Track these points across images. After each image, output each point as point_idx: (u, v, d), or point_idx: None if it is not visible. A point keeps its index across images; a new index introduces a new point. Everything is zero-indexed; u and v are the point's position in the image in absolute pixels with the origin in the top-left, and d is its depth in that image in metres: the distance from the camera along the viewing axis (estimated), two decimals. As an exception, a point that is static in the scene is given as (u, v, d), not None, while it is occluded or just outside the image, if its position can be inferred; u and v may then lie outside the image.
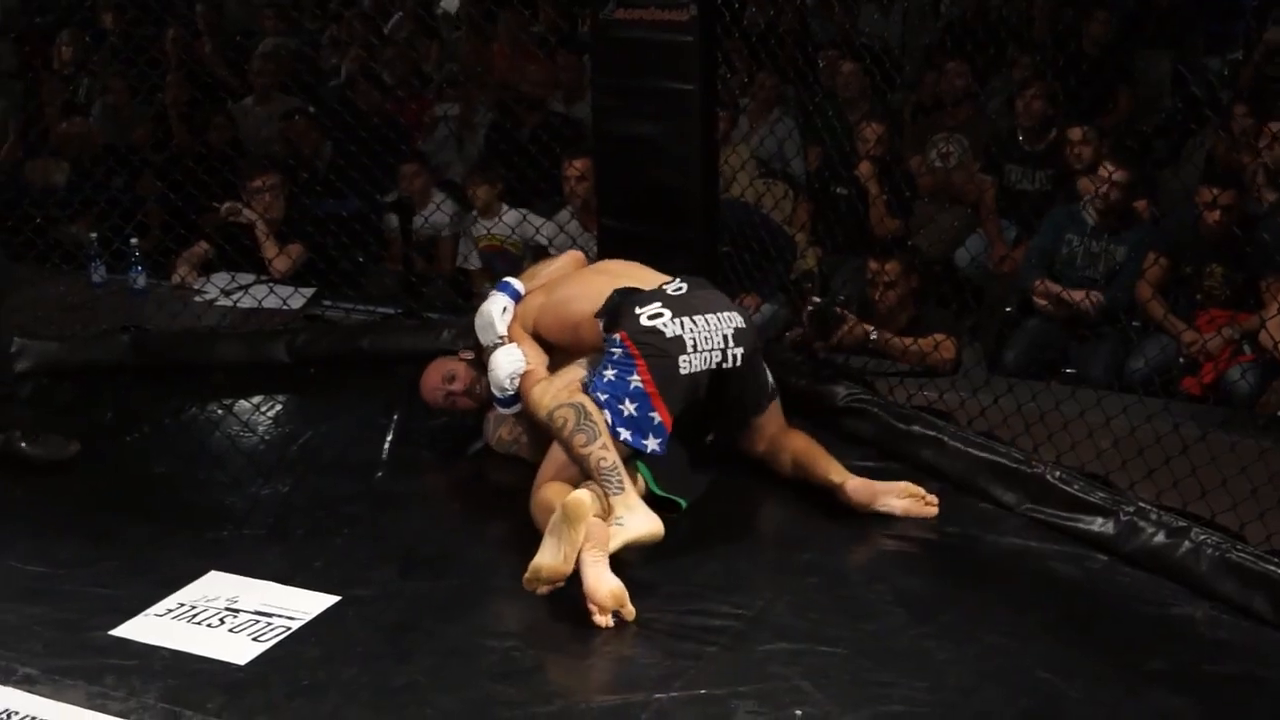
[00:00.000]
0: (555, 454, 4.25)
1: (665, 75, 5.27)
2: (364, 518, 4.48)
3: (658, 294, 4.36)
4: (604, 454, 4.05)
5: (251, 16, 10.37)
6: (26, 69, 9.44)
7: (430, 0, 10.23)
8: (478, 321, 4.69)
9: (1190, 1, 8.93)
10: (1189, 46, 8.63)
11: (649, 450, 4.19)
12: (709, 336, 4.27)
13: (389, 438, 5.07)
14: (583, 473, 4.11)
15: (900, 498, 4.42)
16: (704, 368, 4.28)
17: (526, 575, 3.82)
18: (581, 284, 4.64)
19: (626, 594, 3.73)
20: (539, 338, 4.62)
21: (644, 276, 4.54)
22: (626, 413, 4.17)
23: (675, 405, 4.24)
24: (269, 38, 9.60)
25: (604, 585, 3.73)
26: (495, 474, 4.83)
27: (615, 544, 3.85)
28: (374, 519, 4.48)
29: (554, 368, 4.56)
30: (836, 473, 4.46)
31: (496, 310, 4.64)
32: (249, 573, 4.06)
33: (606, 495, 3.96)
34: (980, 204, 7.19)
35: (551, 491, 4.11)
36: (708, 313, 4.32)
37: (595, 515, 3.85)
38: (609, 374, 4.22)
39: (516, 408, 4.61)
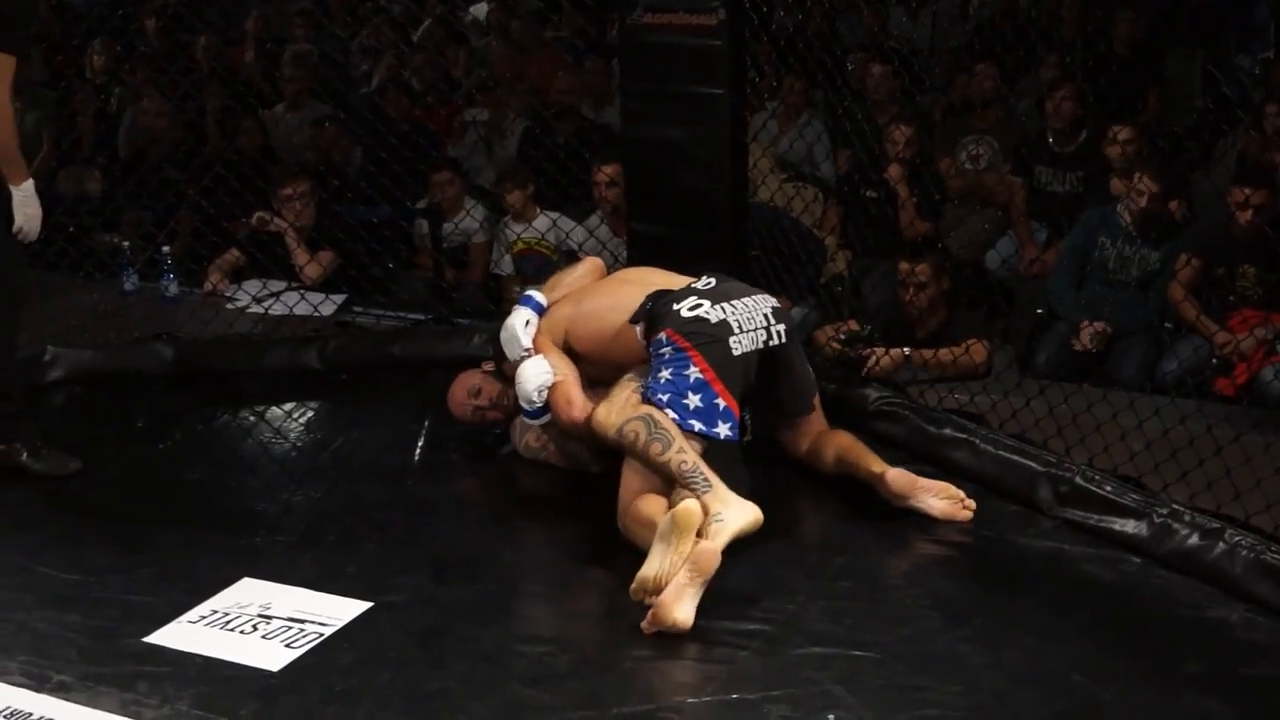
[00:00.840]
0: (632, 469, 4.22)
1: (694, 79, 5.28)
2: (396, 523, 4.49)
3: (690, 290, 4.40)
4: (683, 457, 4.05)
5: (284, 24, 10.41)
6: (59, 78, 9.48)
7: (458, 6, 10.25)
8: (502, 336, 4.70)
9: (1221, 0, 8.90)
10: (1220, 46, 8.59)
11: (722, 437, 4.20)
12: (751, 316, 4.33)
13: (420, 443, 5.08)
14: (666, 481, 4.11)
15: (939, 498, 4.40)
16: (753, 347, 4.31)
17: (633, 586, 3.80)
18: (609, 294, 4.65)
19: (688, 628, 3.70)
20: (569, 349, 4.63)
21: (669, 280, 4.57)
22: (692, 406, 4.18)
23: (735, 389, 4.25)
24: (298, 43, 9.62)
25: (677, 611, 3.68)
26: (526, 479, 4.83)
27: (722, 540, 3.82)
28: (406, 524, 4.49)
29: (584, 380, 4.57)
30: (877, 464, 4.48)
31: (519, 324, 4.65)
32: (281, 579, 4.07)
33: (697, 495, 3.95)
34: (1011, 206, 7.16)
35: (648, 505, 4.09)
36: (742, 297, 4.39)
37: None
38: (665, 374, 4.23)
39: (545, 418, 4.61)
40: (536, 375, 4.54)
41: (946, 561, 4.22)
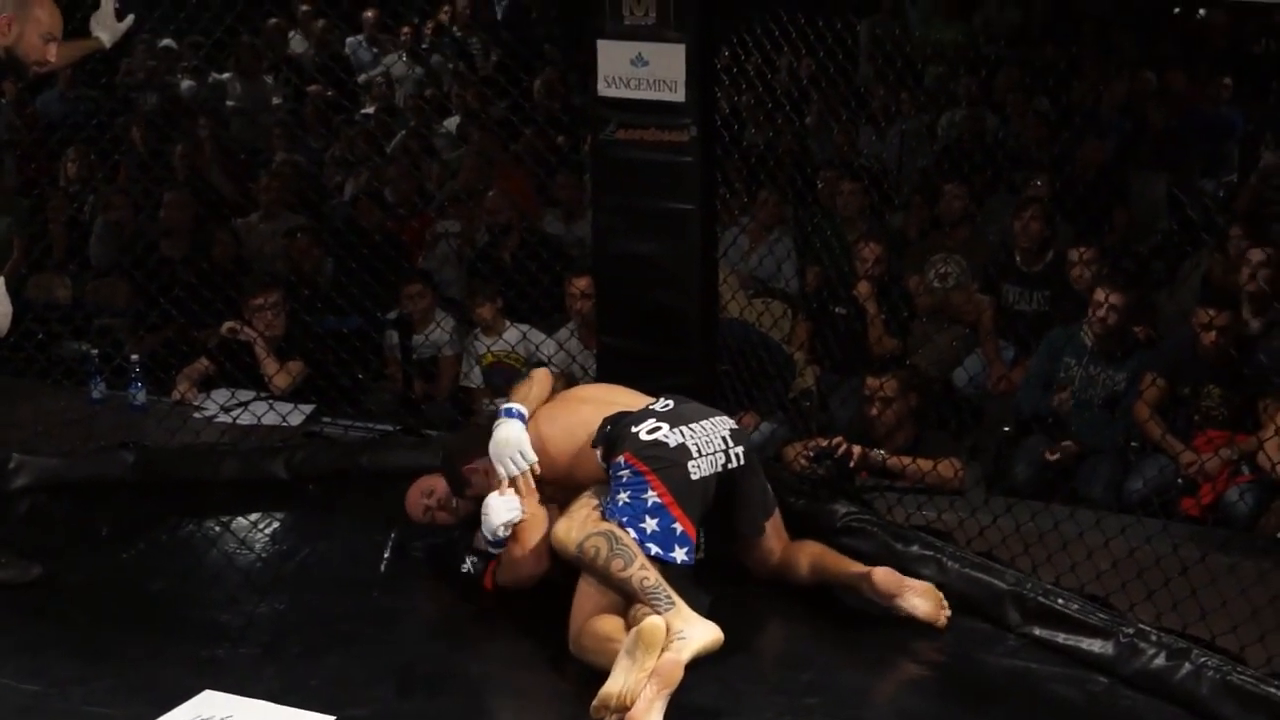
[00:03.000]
0: (586, 589, 4.20)
1: (665, 195, 5.32)
2: (360, 636, 4.45)
3: (648, 412, 4.40)
4: (645, 574, 4.04)
5: (258, 135, 10.49)
6: (32, 185, 9.51)
7: (431, 119, 10.34)
8: (497, 449, 4.54)
9: (1185, 125, 9.05)
10: (1183, 169, 8.72)
11: (678, 562, 4.18)
12: (709, 440, 4.32)
13: (386, 555, 5.05)
14: (624, 599, 4.09)
15: (924, 598, 4.42)
16: (712, 471, 4.31)
17: (595, 704, 3.77)
18: (570, 414, 4.63)
19: None
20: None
21: (627, 400, 4.58)
22: (649, 529, 4.16)
23: (693, 513, 4.24)
24: (279, 154, 9.69)
25: None
26: (493, 592, 4.80)
27: (685, 656, 3.81)
28: (370, 637, 4.45)
29: (544, 498, 4.57)
30: (856, 566, 4.50)
31: (519, 436, 4.54)
32: (244, 691, 4.03)
33: (660, 613, 3.93)
34: (979, 324, 7.22)
35: (605, 624, 4.07)
36: (700, 420, 4.38)
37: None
38: (622, 497, 4.22)
39: (501, 550, 4.57)
40: (507, 511, 4.46)
41: (914, 679, 4.22)
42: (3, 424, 5.88)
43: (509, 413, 4.59)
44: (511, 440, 4.52)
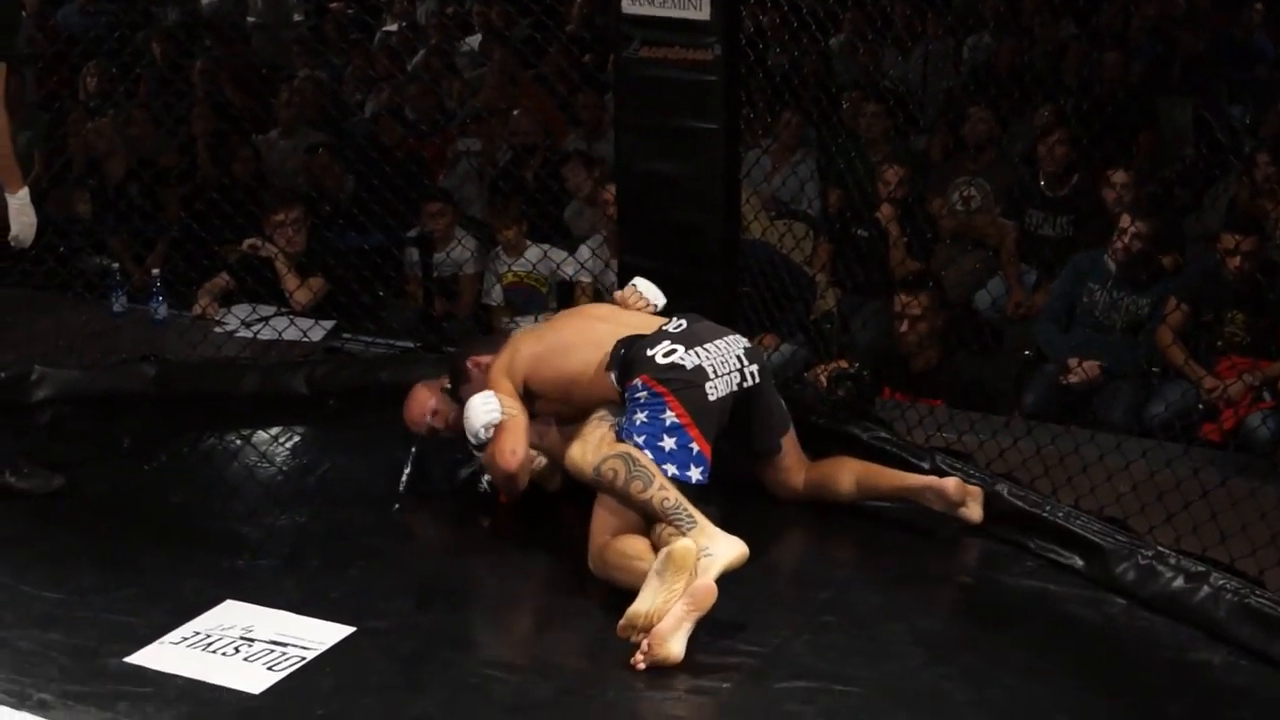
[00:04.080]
0: (604, 508, 4.18)
1: (689, 114, 5.29)
2: (380, 549, 4.47)
3: (662, 334, 4.38)
4: (665, 494, 4.03)
5: (279, 51, 10.44)
6: (53, 100, 9.49)
7: (454, 36, 10.28)
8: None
9: (1213, 49, 8.96)
10: (1211, 94, 8.64)
11: (693, 481, 4.18)
12: (725, 360, 4.32)
13: (406, 470, 5.05)
14: (643, 519, 4.09)
15: (979, 503, 4.48)
16: (728, 391, 4.31)
17: (622, 623, 3.77)
18: (579, 332, 4.60)
19: (678, 663, 3.69)
20: (527, 390, 4.53)
21: (639, 321, 4.56)
22: (667, 448, 4.16)
23: (709, 434, 4.24)
24: (300, 70, 9.65)
25: (672, 643, 3.68)
26: (513, 508, 4.81)
27: (712, 574, 3.81)
28: (390, 550, 4.48)
29: (554, 418, 4.56)
30: (912, 478, 4.55)
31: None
32: (264, 602, 4.05)
33: (683, 532, 3.94)
34: (1001, 248, 7.19)
35: (630, 544, 4.06)
36: (715, 339, 4.37)
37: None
38: (640, 417, 4.21)
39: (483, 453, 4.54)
40: (486, 412, 4.39)
41: (931, 598, 4.23)
42: (25, 337, 5.89)
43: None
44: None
